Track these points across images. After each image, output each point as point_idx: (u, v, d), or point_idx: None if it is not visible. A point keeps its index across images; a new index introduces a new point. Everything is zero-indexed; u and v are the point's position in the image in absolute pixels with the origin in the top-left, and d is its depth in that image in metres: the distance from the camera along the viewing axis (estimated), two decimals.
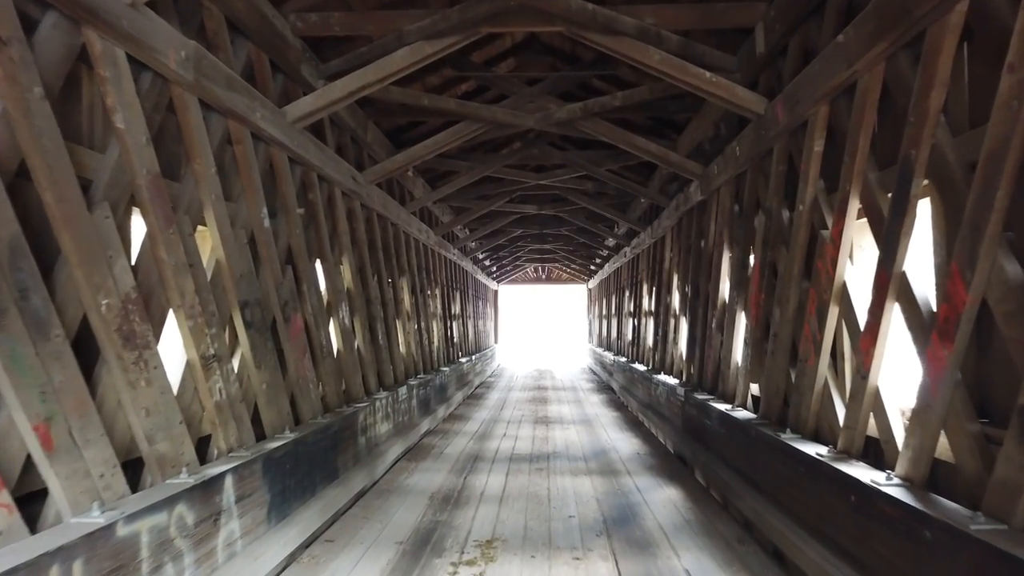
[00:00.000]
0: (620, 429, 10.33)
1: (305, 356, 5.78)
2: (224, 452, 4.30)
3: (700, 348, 8.08)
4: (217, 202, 4.36)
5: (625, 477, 7.10)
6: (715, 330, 7.33)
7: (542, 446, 8.90)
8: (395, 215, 9.05)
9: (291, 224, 5.69)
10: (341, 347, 6.90)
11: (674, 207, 9.07)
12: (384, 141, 8.37)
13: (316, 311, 6.15)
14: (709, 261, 7.62)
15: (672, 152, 7.31)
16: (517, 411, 12.51)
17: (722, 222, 6.94)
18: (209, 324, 4.17)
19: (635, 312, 13.91)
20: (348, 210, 7.48)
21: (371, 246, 8.44)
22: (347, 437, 6.25)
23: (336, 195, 6.89)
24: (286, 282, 5.51)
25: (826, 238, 4.43)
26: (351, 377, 7.05)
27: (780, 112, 4.88)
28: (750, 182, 6.02)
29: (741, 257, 6.39)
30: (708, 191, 7.23)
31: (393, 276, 9.38)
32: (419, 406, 9.66)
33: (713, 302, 7.35)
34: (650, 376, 10.72)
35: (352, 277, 7.34)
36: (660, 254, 11.01)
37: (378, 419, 7.40)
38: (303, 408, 5.68)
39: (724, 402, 6.78)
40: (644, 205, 11.76)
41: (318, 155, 6.08)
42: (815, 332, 4.57)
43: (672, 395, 8.84)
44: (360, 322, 7.50)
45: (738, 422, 5.78)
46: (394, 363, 9.02)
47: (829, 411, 4.51)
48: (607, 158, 9.53)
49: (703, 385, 7.78)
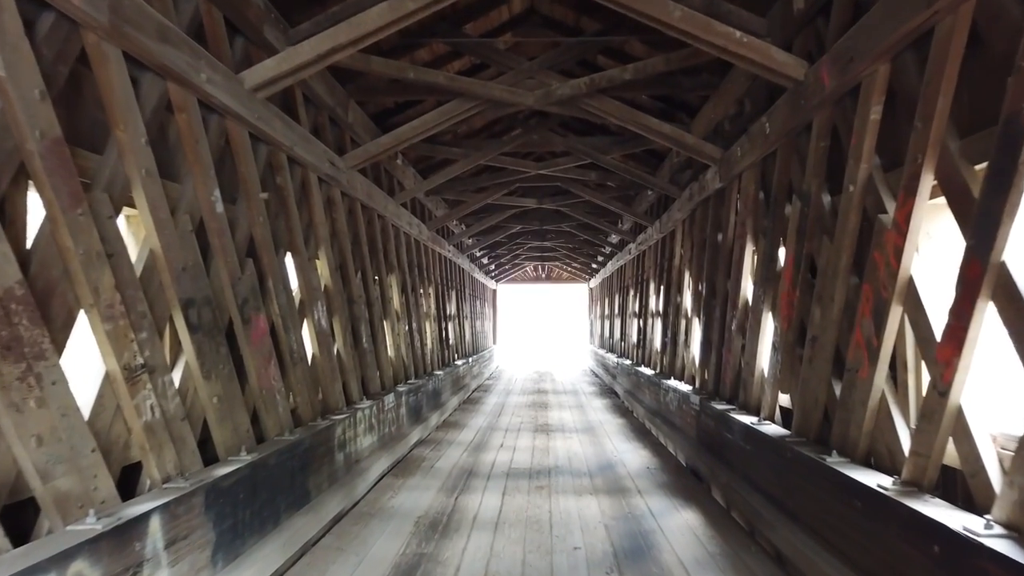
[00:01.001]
0: (626, 438, 9.57)
1: (270, 363, 5.02)
2: (158, 483, 3.54)
3: (717, 352, 7.33)
4: (150, 180, 3.60)
5: (636, 497, 6.34)
6: (735, 333, 6.58)
7: (542, 458, 8.15)
8: (382, 206, 8.29)
9: (253, 211, 4.93)
10: (317, 352, 6.15)
11: (687, 197, 8.31)
12: (369, 125, 7.62)
13: (285, 311, 5.39)
14: (728, 256, 6.87)
15: (687, 134, 6.55)
16: (516, 417, 11.75)
17: (745, 211, 6.18)
18: (137, 327, 3.42)
19: (640, 312, 13.15)
20: (327, 199, 6.72)
21: (354, 240, 7.68)
22: (321, 455, 5.49)
23: (311, 181, 6.12)
24: (246, 278, 4.75)
25: (886, 224, 3.67)
26: (329, 385, 6.29)
27: (825, 75, 4.12)
28: (781, 163, 5.26)
29: (768, 250, 5.63)
30: (728, 177, 6.47)
31: (380, 273, 8.62)
32: (409, 414, 8.90)
33: (733, 302, 6.60)
34: (658, 381, 9.96)
35: (331, 273, 6.59)
36: (669, 250, 10.25)
37: (360, 432, 6.65)
38: (268, 423, 4.93)
39: (747, 414, 6.03)
40: (651, 198, 11.00)
41: (287, 133, 5.32)
42: (870, 337, 3.81)
43: (685, 403, 8.09)
44: (340, 323, 6.74)
45: (768, 439, 5.02)
46: (381, 368, 8.26)
47: (888, 432, 3.75)
48: (613, 145, 8.77)
49: (721, 393, 7.03)
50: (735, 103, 6.30)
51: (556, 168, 9.65)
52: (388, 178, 9.27)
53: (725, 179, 6.57)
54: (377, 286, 8.54)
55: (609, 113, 6.49)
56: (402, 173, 9.41)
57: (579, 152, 8.73)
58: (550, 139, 8.77)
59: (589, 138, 9.04)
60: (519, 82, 6.51)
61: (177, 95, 3.92)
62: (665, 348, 10.59)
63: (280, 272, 5.37)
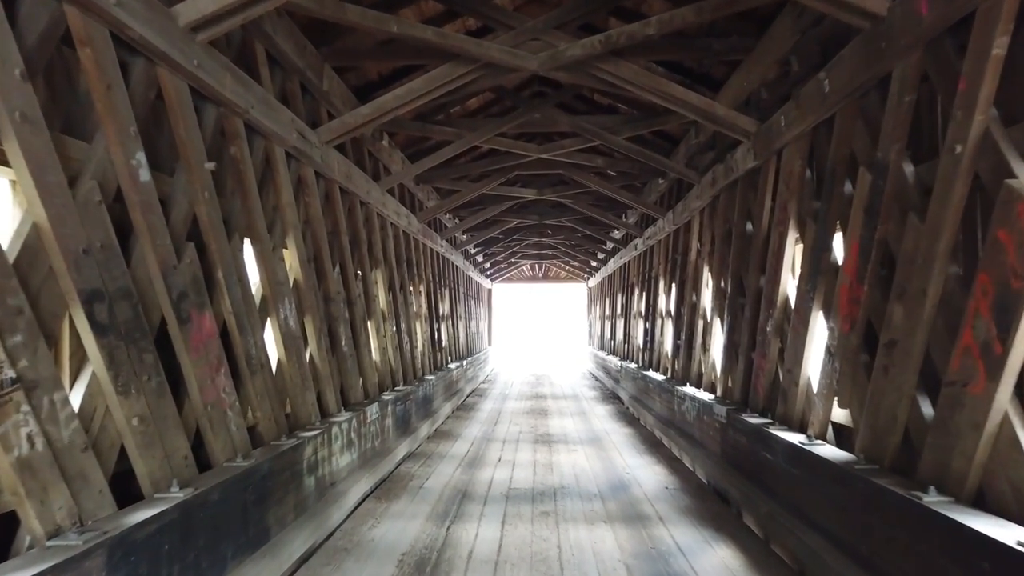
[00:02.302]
0: (637, 451, 8.66)
1: (220, 372, 4.09)
2: (41, 539, 2.60)
3: (745, 357, 6.43)
4: (28, 128, 2.66)
5: (657, 526, 5.42)
6: (770, 335, 5.68)
7: (545, 476, 7.22)
8: (364, 191, 7.35)
9: (196, 184, 3.99)
10: (283, 357, 5.21)
11: (708, 182, 7.40)
12: (349, 97, 6.68)
13: (241, 309, 4.46)
14: (762, 247, 5.96)
15: (717, 104, 5.63)
16: (514, 426, 10.82)
17: (787, 193, 5.27)
18: (6, 328, 2.48)
19: (648, 313, 12.24)
20: (297, 179, 5.79)
21: (332, 229, 6.75)
22: (285, 481, 4.56)
23: (276, 155, 5.19)
24: (185, 267, 3.82)
25: (1018, 191, 2.77)
26: (298, 396, 5.36)
27: (924, 6, 3.21)
28: (842, 129, 4.35)
29: (820, 238, 4.73)
30: (766, 153, 5.56)
31: (363, 268, 7.69)
32: (396, 426, 7.97)
33: (769, 299, 5.69)
34: (672, 388, 9.05)
35: (302, 266, 5.65)
36: (684, 243, 9.34)
37: (336, 449, 5.71)
38: (216, 447, 3.99)
39: (788, 429, 5.13)
40: (662, 187, 10.08)
41: (240, 92, 4.38)
42: (987, 341, 2.90)
43: (706, 414, 7.18)
44: (313, 324, 5.81)
45: (825, 464, 4.12)
46: (363, 374, 7.33)
47: (1016, 466, 2.85)
48: (623, 125, 7.86)
49: (752, 404, 6.12)
50: (776, 65, 5.38)
51: (559, 152, 8.72)
52: (373, 162, 8.33)
53: (761, 156, 5.66)
54: (360, 283, 7.61)
55: (627, 80, 5.57)
56: (388, 157, 8.48)
57: (586, 133, 7.81)
58: (554, 118, 7.85)
59: (597, 117, 8.12)
60: (522, 43, 5.59)
61: (78, 24, 2.98)
62: (678, 351, 9.68)
63: (234, 261, 4.43)
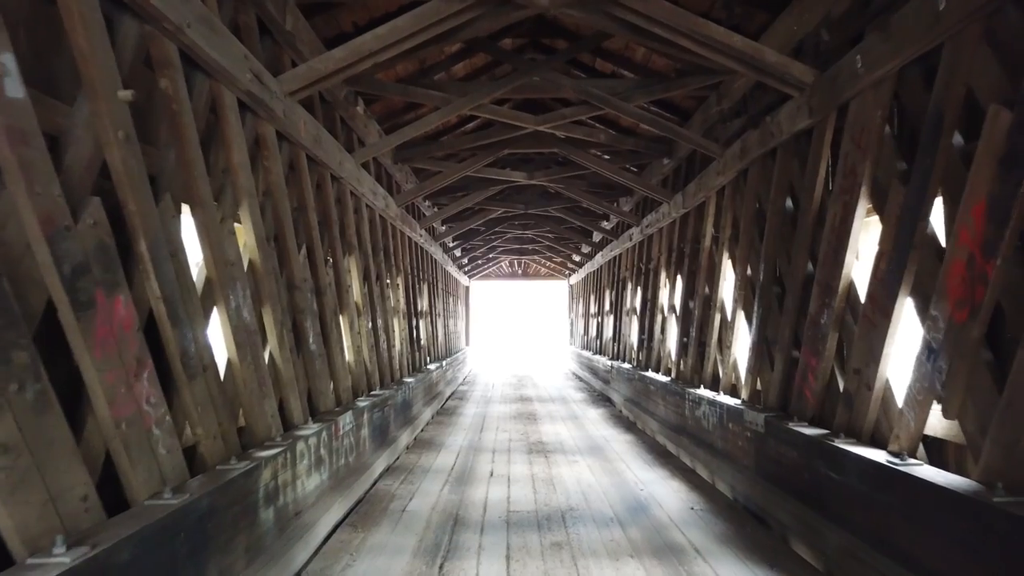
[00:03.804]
0: (646, 462, 7.68)
1: (142, 376, 3.02)
2: None
3: (784, 356, 5.49)
4: None
5: (697, 562, 4.44)
6: (828, 329, 4.74)
7: (548, 495, 6.21)
8: (336, 162, 6.26)
9: (106, 119, 2.90)
10: (234, 356, 4.13)
11: (735, 154, 6.43)
12: (318, 46, 5.60)
13: (174, 293, 3.38)
14: (813, 224, 5.03)
15: (766, 49, 4.66)
16: (502, 433, 9.79)
17: (857, 154, 4.31)
18: None
19: (646, 308, 11.30)
20: (255, 137, 4.71)
21: (299, 204, 5.67)
22: (233, 519, 3.48)
23: (225, 99, 4.10)
24: (86, 230, 2.74)
25: None
26: (254, 406, 4.28)
27: None
28: (954, 62, 3.40)
29: (911, 205, 3.79)
30: (826, 108, 4.61)
31: (335, 253, 6.61)
32: (373, 436, 6.89)
33: (825, 285, 4.75)
34: (681, 391, 8.10)
35: (259, 244, 4.57)
36: (695, 228, 8.40)
37: (302, 470, 4.64)
38: (133, 479, 2.92)
39: (857, 443, 4.20)
40: (668, 167, 9.14)
41: (169, 2, 3.28)
42: None
43: (732, 421, 6.23)
44: (273, 316, 4.73)
45: (940, 492, 3.17)
46: (335, 377, 6.25)
47: None
48: (635, 90, 6.87)
49: (797, 411, 5.18)
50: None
51: (559, 124, 7.71)
52: (346, 132, 7.25)
53: (819, 112, 4.70)
54: (331, 270, 6.54)
55: (657, 20, 4.57)
56: (364, 127, 7.40)
57: (592, 99, 6.81)
58: (556, 81, 6.84)
59: (604, 81, 7.14)
60: None
61: None
62: (685, 350, 8.74)
63: (164, 230, 3.35)
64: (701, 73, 6.28)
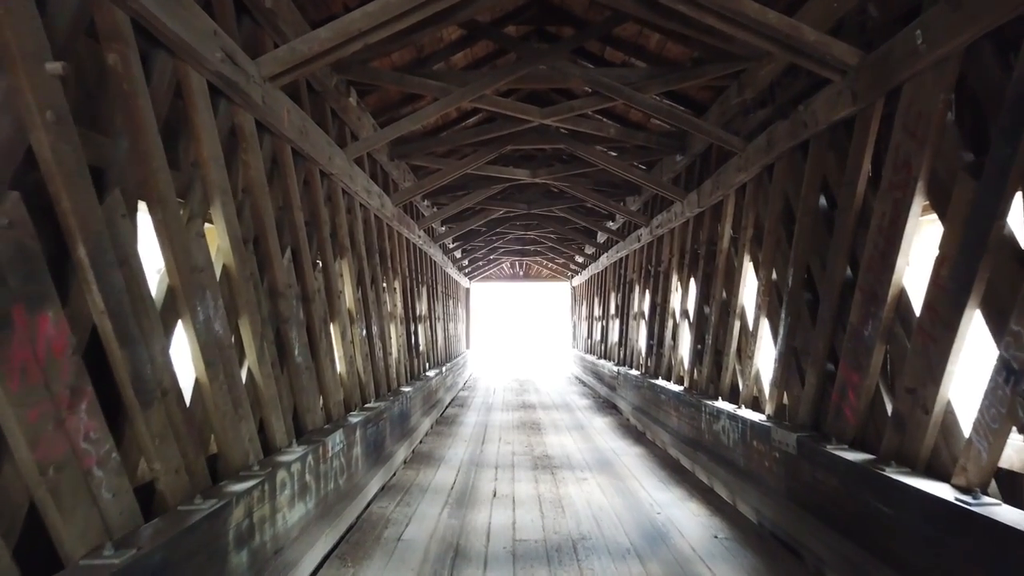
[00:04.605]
0: (660, 480, 7.16)
1: (78, 408, 2.51)
2: None
3: (817, 369, 4.98)
4: None
5: None
6: (874, 341, 4.22)
7: (557, 519, 5.69)
8: (325, 157, 5.75)
9: (29, 95, 2.39)
10: (203, 376, 3.61)
11: (759, 148, 5.92)
12: (304, 28, 5.08)
13: (124, 307, 2.87)
14: (854, 224, 4.52)
15: (805, 27, 4.14)
16: (505, 445, 9.27)
17: (912, 144, 3.79)
18: None
19: (655, 313, 10.78)
20: (231, 127, 4.20)
21: (284, 202, 5.16)
22: (194, 572, 2.97)
23: (192, 82, 3.59)
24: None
25: None
26: (228, 431, 3.77)
27: None
28: None
29: (982, 202, 3.27)
30: (874, 93, 4.09)
31: (325, 256, 6.09)
32: (366, 454, 6.38)
33: (870, 292, 4.24)
34: (697, 403, 7.59)
35: (235, 247, 4.06)
36: (712, 229, 7.89)
37: (283, 502, 4.12)
38: (66, 533, 2.41)
39: (915, 473, 3.70)
40: (681, 165, 8.62)
41: None
42: None
43: (758, 439, 5.73)
44: (252, 328, 4.21)
45: None
46: (325, 391, 5.75)
47: None
48: (649, 79, 6.35)
49: (834, 431, 4.68)
50: None
51: (566, 117, 7.19)
52: (338, 126, 6.74)
53: (865, 97, 4.18)
54: (320, 275, 6.03)
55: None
56: (357, 120, 6.89)
57: (603, 89, 6.29)
58: (564, 70, 6.33)
59: (615, 70, 6.62)
60: None
61: None
62: (700, 358, 8.23)
63: (111, 232, 2.83)
64: (723, 60, 5.77)
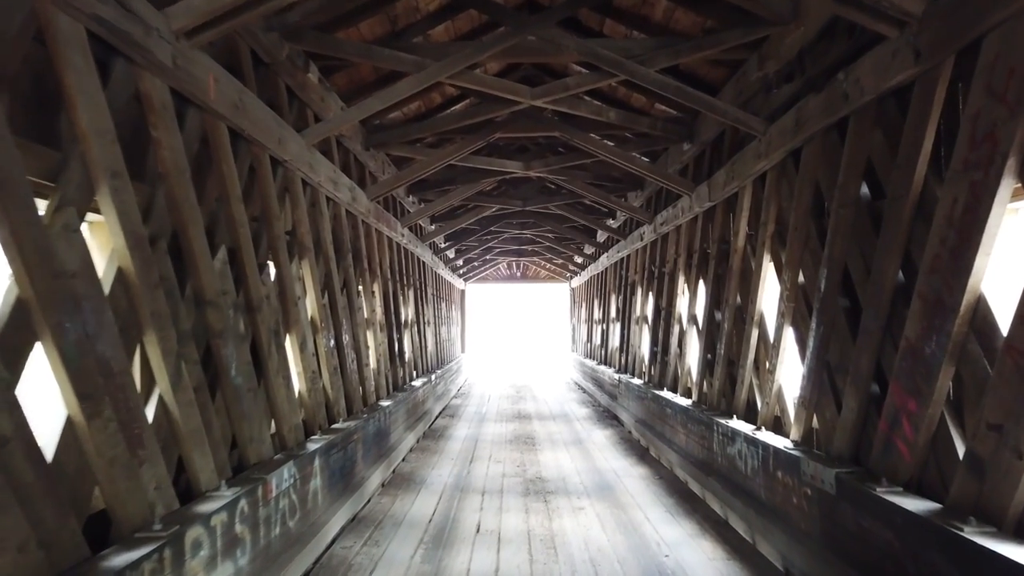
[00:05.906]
0: (668, 511, 6.29)
1: None
2: None
3: (859, 390, 4.14)
4: None
5: None
6: (939, 360, 3.37)
7: (548, 566, 4.83)
8: (273, 140, 4.88)
9: None
10: (77, 413, 2.76)
11: (785, 129, 5.06)
12: None
13: None
14: (910, 217, 3.67)
15: None
16: (495, 465, 8.41)
17: (1002, 112, 2.94)
18: None
19: (659, 317, 9.92)
20: (135, 92, 3.35)
21: (220, 191, 4.31)
22: None
23: (59, 27, 2.73)
24: None
25: None
26: (117, 481, 2.91)
27: None
28: None
29: None
30: (944, 48, 3.23)
31: (279, 256, 5.24)
32: (329, 486, 5.52)
33: (933, 300, 3.39)
34: (708, 421, 6.74)
35: (132, 245, 3.20)
36: (725, 225, 7.03)
37: (196, 568, 3.25)
38: None
39: (1003, 535, 2.86)
40: (689, 154, 7.76)
41: None
42: None
43: (783, 470, 4.88)
44: (163, 346, 3.36)
45: None
46: (277, 415, 4.90)
47: None
48: (656, 50, 5.50)
49: (884, 468, 3.83)
50: None
51: (560, 97, 6.33)
52: (298, 106, 5.88)
53: (933, 55, 3.32)
54: (276, 279, 5.18)
55: None
56: (320, 100, 6.03)
57: (601, 62, 5.44)
58: (556, 41, 5.47)
59: (616, 42, 5.77)
60: None
61: None
62: (710, 369, 7.39)
63: None
64: (743, 24, 4.92)
